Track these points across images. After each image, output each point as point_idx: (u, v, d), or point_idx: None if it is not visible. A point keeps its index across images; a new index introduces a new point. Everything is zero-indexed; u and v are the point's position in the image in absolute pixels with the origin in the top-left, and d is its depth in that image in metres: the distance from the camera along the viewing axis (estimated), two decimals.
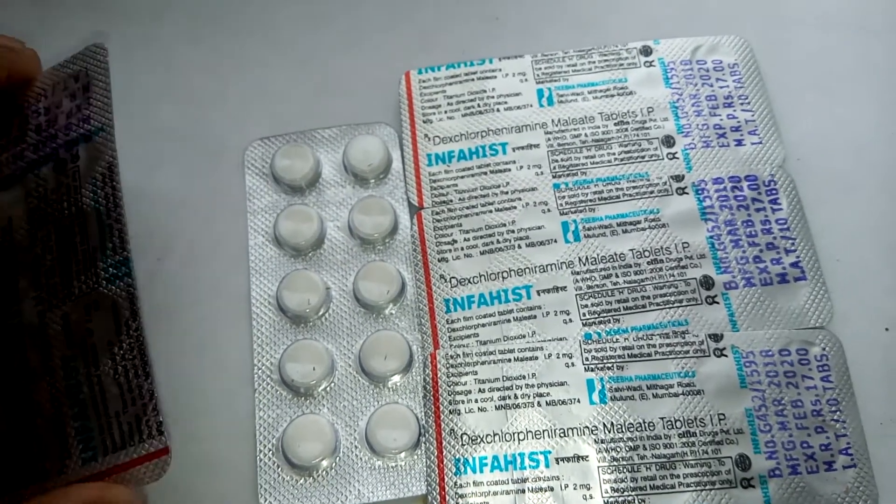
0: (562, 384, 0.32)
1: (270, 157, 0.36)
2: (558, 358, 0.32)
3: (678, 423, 0.31)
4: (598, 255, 0.34)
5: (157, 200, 0.37)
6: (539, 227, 0.34)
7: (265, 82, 0.39)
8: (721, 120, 0.36)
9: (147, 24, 0.41)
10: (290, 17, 0.40)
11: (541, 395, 0.32)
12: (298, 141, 0.37)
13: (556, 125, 0.36)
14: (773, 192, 0.34)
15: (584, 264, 0.33)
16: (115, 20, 0.41)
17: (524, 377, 0.32)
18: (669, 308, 0.32)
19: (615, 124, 0.36)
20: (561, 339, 0.32)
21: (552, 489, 0.30)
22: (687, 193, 0.34)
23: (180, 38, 0.40)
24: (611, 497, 0.30)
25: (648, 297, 0.33)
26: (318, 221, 0.35)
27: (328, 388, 0.33)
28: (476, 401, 0.32)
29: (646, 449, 0.30)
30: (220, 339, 0.34)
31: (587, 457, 0.30)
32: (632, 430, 0.31)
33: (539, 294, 0.33)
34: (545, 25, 0.39)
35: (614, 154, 0.35)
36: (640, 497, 0.30)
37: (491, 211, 0.35)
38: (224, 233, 0.36)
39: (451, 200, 0.35)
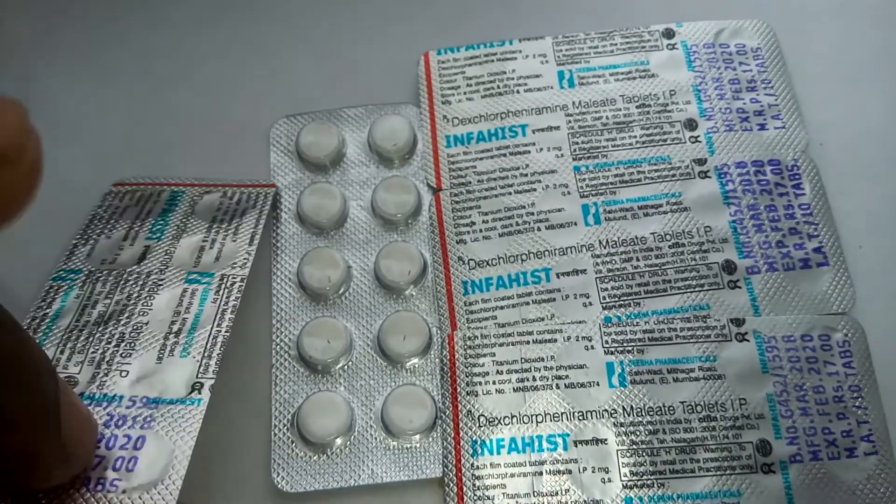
0: (581, 367, 0.31)
1: (296, 135, 0.36)
2: (578, 341, 0.32)
3: (699, 408, 0.30)
4: (618, 238, 0.33)
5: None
6: (559, 210, 0.34)
7: (285, 64, 0.39)
8: (744, 104, 0.35)
9: (162, 8, 0.40)
10: None
11: (559, 378, 0.31)
12: (324, 119, 0.37)
13: (577, 107, 0.36)
14: (797, 177, 0.34)
15: (605, 247, 0.33)
16: (129, 2, 0.40)
17: (543, 359, 0.32)
18: (691, 292, 0.32)
19: (637, 107, 0.36)
20: (580, 322, 0.32)
21: (570, 472, 0.30)
22: (709, 177, 0.34)
23: (197, 22, 0.40)
24: (629, 480, 0.30)
25: (670, 281, 0.32)
26: (341, 200, 0.35)
27: (345, 367, 0.32)
28: (494, 382, 0.31)
29: (665, 433, 0.30)
30: (240, 313, 0.34)
31: (606, 440, 0.30)
32: (652, 413, 0.30)
33: (558, 277, 0.33)
34: (566, 8, 0.39)
35: (636, 137, 0.35)
36: (659, 481, 0.30)
37: (510, 193, 0.35)
38: None
39: (470, 182, 0.35)
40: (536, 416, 0.31)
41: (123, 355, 0.31)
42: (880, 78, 0.37)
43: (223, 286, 0.32)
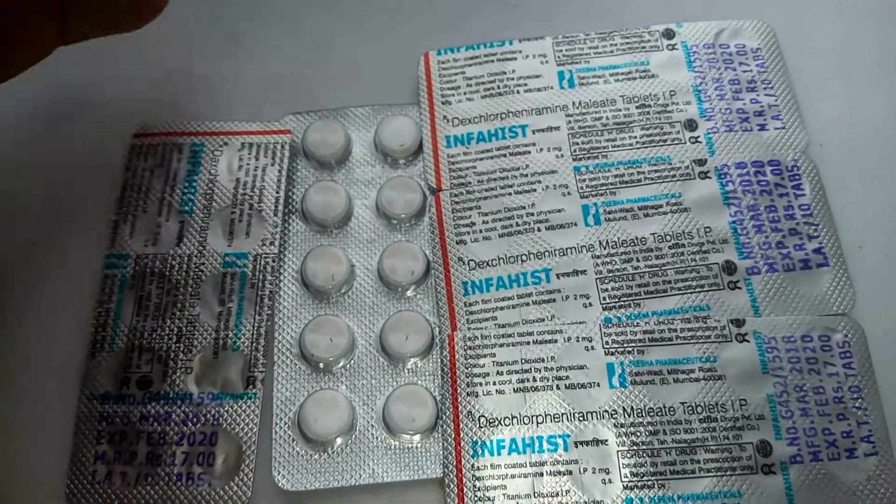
0: (581, 367, 0.31)
1: (302, 132, 0.36)
2: (578, 341, 0.32)
3: (699, 409, 0.30)
4: (618, 238, 0.33)
5: None
6: (559, 210, 0.34)
7: (286, 60, 0.39)
8: (744, 104, 0.35)
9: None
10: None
11: (560, 379, 0.31)
12: (331, 117, 0.37)
13: (577, 108, 0.36)
14: (796, 177, 0.34)
15: (605, 248, 0.33)
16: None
17: (543, 360, 0.32)
18: (691, 293, 0.32)
19: (637, 107, 0.36)
20: (580, 323, 0.32)
21: (570, 473, 0.30)
22: (709, 178, 0.34)
23: (196, 20, 0.40)
24: (630, 481, 0.30)
25: (670, 282, 0.32)
26: (346, 198, 0.35)
27: (347, 366, 0.32)
28: (494, 383, 0.31)
29: (666, 434, 0.30)
30: None
31: (606, 441, 0.30)
32: (652, 414, 0.30)
33: (558, 277, 0.33)
34: (566, 7, 0.39)
35: (636, 137, 0.35)
36: (659, 482, 0.30)
37: (510, 193, 0.35)
38: None
39: (470, 182, 0.35)
40: (537, 416, 0.31)
41: (185, 352, 0.33)
42: (880, 78, 0.37)
43: (258, 268, 0.34)
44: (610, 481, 0.30)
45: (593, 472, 0.30)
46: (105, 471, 0.31)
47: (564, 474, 0.30)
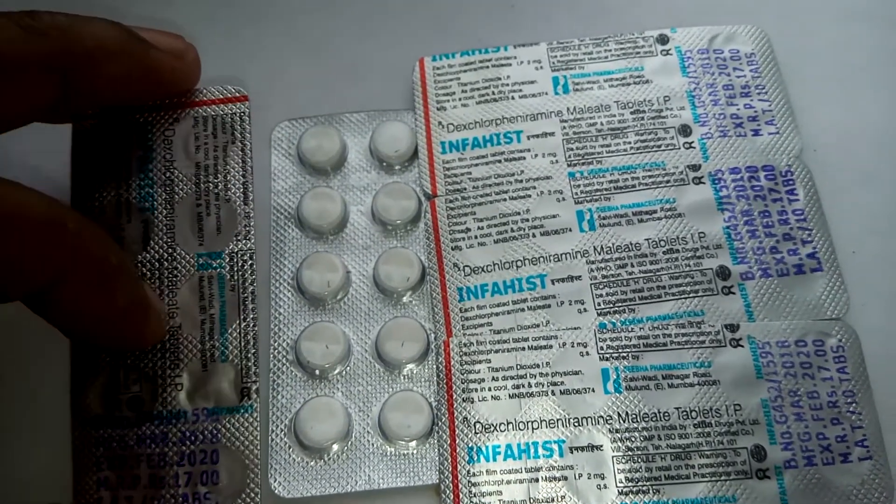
0: (576, 373, 0.31)
1: (297, 138, 0.36)
2: (573, 347, 0.32)
3: (694, 414, 0.31)
4: (613, 244, 0.33)
5: None
6: (554, 216, 0.34)
7: (279, 68, 0.39)
8: (738, 109, 0.36)
9: (159, 5, 0.40)
10: (304, 2, 0.40)
11: (555, 384, 0.31)
12: (326, 123, 0.37)
13: (572, 113, 0.36)
14: (790, 182, 0.34)
15: (599, 253, 0.33)
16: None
17: (538, 366, 0.32)
18: (685, 298, 0.32)
19: (631, 113, 0.36)
20: (575, 329, 0.32)
21: (566, 478, 0.30)
22: (703, 183, 0.34)
23: (193, 21, 0.40)
24: (625, 487, 0.30)
25: (664, 287, 0.33)
26: (341, 204, 0.35)
27: (343, 372, 0.33)
28: (489, 389, 0.31)
29: (661, 439, 0.30)
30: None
31: (601, 446, 0.30)
32: (647, 419, 0.31)
33: (553, 283, 0.33)
34: (561, 13, 0.39)
35: (630, 143, 0.35)
36: (654, 487, 0.30)
37: (505, 199, 0.35)
38: None
39: (465, 188, 0.35)
40: (532, 422, 0.31)
41: (172, 367, 0.32)
42: (875, 82, 0.37)
43: (235, 268, 0.33)
44: (605, 487, 0.30)
45: (588, 478, 0.30)
46: (110, 497, 0.30)
47: (560, 480, 0.30)
